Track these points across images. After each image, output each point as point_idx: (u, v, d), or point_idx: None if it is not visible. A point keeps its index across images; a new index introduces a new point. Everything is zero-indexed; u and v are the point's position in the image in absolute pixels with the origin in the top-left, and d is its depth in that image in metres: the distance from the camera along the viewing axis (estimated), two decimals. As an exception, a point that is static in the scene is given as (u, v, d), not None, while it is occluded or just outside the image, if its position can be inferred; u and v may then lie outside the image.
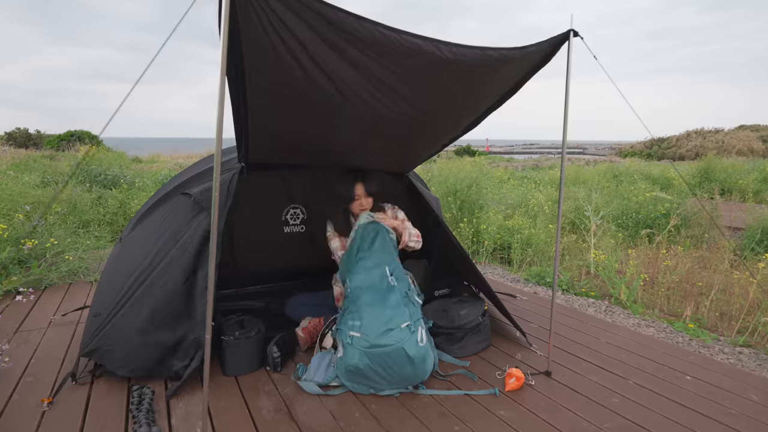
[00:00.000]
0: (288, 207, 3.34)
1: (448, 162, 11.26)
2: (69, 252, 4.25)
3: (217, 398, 2.15)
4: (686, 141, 29.11)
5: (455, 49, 1.72)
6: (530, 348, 2.74)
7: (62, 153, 15.15)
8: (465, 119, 2.48)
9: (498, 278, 4.45)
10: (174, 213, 2.57)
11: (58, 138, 19.22)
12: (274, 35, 1.50)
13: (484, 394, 2.22)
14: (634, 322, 3.35)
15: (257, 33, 1.48)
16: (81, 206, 6.12)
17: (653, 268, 4.45)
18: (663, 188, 9.40)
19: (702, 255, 5.01)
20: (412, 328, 2.21)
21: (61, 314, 3.16)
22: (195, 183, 2.71)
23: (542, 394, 2.24)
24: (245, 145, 2.33)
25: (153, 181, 8.76)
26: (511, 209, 7.11)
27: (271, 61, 1.62)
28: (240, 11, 1.40)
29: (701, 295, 3.90)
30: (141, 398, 2.07)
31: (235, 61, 1.62)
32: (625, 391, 2.27)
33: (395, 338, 2.15)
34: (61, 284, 3.85)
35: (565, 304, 3.69)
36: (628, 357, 2.66)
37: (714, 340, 3.09)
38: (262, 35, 1.49)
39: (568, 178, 10.77)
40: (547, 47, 1.98)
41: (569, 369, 2.50)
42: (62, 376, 2.29)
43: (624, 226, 6.46)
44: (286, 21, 1.45)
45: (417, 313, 2.32)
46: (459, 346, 2.62)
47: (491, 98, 2.31)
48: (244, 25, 1.45)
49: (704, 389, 2.31)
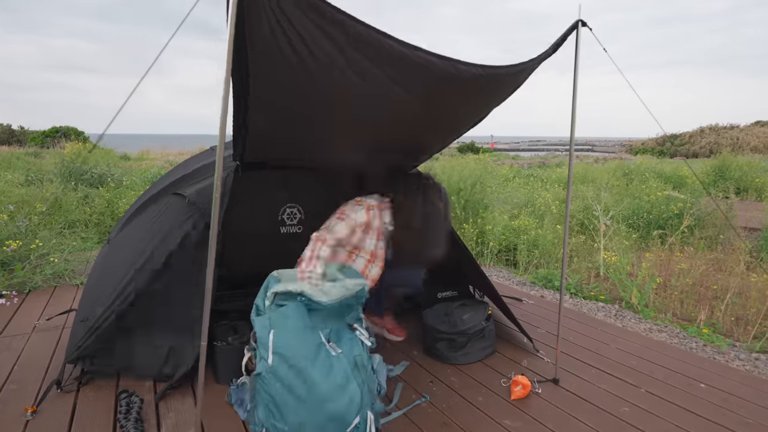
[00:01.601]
0: (285, 207, 3.34)
1: (451, 160, 11.25)
2: (54, 254, 4.25)
3: (209, 407, 2.15)
4: (700, 137, 29.13)
5: (477, 69, 1.74)
6: (537, 354, 2.74)
7: (47, 150, 15.15)
8: (472, 116, 2.48)
9: (503, 281, 4.45)
10: (166, 214, 2.57)
11: (42, 134, 19.24)
12: (281, 36, 1.50)
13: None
14: (646, 327, 3.35)
15: (264, 33, 1.48)
16: (67, 206, 6.12)
17: (666, 271, 4.45)
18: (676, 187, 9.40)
19: (717, 257, 5.02)
20: (361, 428, 1.70)
21: (45, 319, 3.16)
22: (188, 182, 2.71)
23: (549, 403, 2.24)
24: (242, 145, 2.34)
25: (142, 179, 8.76)
26: (516, 209, 7.11)
27: (277, 62, 1.62)
28: (248, 11, 1.40)
29: (716, 298, 3.91)
30: (129, 407, 2.06)
31: (240, 61, 1.63)
32: (636, 400, 2.27)
33: None
34: (46, 287, 3.85)
35: (573, 309, 3.69)
36: (639, 364, 2.66)
37: (729, 345, 3.10)
38: (269, 35, 1.49)
39: (577, 176, 10.77)
40: (552, 46, 1.98)
41: (577, 376, 2.50)
42: (47, 384, 2.29)
43: (635, 227, 6.46)
44: (294, 21, 1.45)
45: (367, 393, 1.77)
46: (463, 353, 2.62)
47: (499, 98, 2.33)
48: (250, 25, 1.45)
49: (719, 397, 2.31)
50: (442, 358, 2.63)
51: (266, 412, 1.71)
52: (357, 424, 1.68)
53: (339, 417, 1.66)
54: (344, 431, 1.67)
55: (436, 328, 2.64)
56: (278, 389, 1.70)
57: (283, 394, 1.69)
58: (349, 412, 1.68)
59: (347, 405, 1.68)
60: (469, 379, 2.45)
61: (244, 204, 3.09)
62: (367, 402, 1.75)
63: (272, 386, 1.71)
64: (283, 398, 1.69)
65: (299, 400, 1.67)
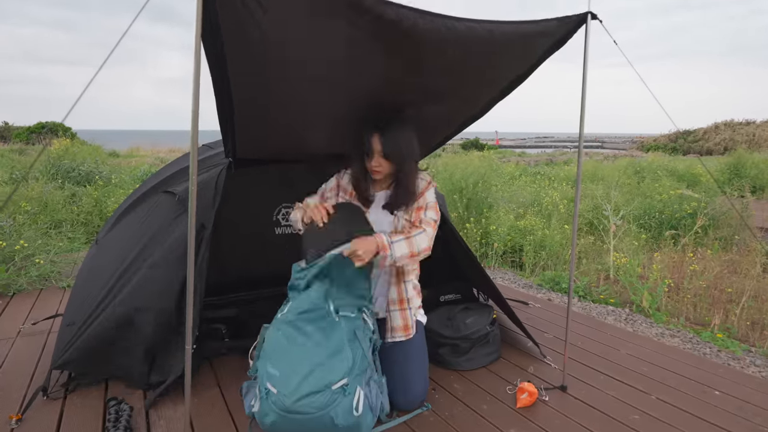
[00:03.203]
0: (280, 206, 3.34)
1: (453, 157, 11.25)
2: (40, 255, 4.26)
3: (202, 415, 2.15)
4: (714, 134, 29.14)
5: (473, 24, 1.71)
6: (544, 360, 2.74)
7: (32, 147, 15.17)
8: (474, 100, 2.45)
9: (509, 284, 4.45)
10: (156, 213, 2.57)
11: (27, 130, 19.26)
12: (258, 10, 1.49)
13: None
14: (658, 332, 3.35)
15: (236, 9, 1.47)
16: (53, 205, 6.13)
17: (678, 273, 4.46)
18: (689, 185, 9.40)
19: (732, 258, 5.02)
20: (348, 390, 1.74)
21: (31, 323, 3.16)
22: (179, 179, 2.71)
23: (557, 411, 2.24)
24: (232, 141, 2.33)
25: (132, 177, 8.78)
26: (522, 208, 7.12)
27: (255, 42, 1.61)
28: None
29: (731, 302, 3.91)
30: (118, 415, 2.06)
31: (215, 46, 1.62)
32: (647, 407, 2.27)
33: (320, 404, 1.68)
34: (31, 290, 3.85)
35: (581, 312, 3.69)
36: (651, 370, 2.66)
37: (745, 351, 3.10)
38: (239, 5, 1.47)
39: (586, 174, 10.77)
40: (559, 27, 1.96)
41: (586, 383, 2.50)
42: (32, 391, 2.28)
43: (646, 227, 6.47)
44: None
45: (362, 362, 1.84)
46: (466, 359, 2.62)
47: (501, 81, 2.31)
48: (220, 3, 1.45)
49: (734, 405, 2.31)
50: (444, 364, 2.63)
51: (264, 358, 1.83)
52: (344, 385, 1.74)
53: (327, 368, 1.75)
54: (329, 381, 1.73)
55: (438, 332, 2.63)
56: (279, 337, 1.82)
57: (282, 341, 1.81)
58: (337, 368, 1.76)
59: (338, 364, 1.77)
60: (473, 386, 2.46)
61: (237, 203, 3.09)
62: (358, 373, 1.81)
63: (274, 335, 1.85)
64: (281, 345, 1.81)
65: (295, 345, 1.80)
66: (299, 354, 1.76)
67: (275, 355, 1.79)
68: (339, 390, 1.72)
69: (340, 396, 1.72)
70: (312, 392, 1.69)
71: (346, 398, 1.73)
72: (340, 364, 1.76)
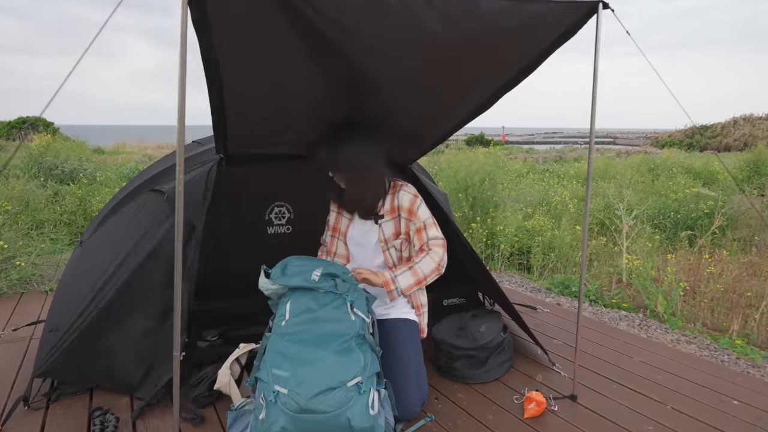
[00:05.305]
0: (272, 205, 3.34)
1: (458, 153, 11.27)
2: (21, 257, 4.25)
3: (192, 428, 2.15)
4: (733, 129, 29.16)
5: None
6: (553, 368, 2.74)
7: (12, 142, 15.17)
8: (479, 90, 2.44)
9: (516, 287, 4.45)
10: (144, 212, 2.57)
11: (7, 125, 19.25)
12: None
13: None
14: (673, 338, 3.35)
15: None
16: (34, 204, 6.12)
17: (695, 276, 4.46)
18: (706, 183, 9.41)
19: (751, 260, 5.02)
20: (363, 388, 1.75)
21: (11, 329, 3.16)
22: (168, 177, 2.71)
23: (566, 422, 2.24)
24: (223, 134, 2.33)
25: (118, 175, 8.78)
26: (530, 208, 7.12)
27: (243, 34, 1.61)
28: None
29: (750, 306, 3.91)
30: (103, 426, 2.07)
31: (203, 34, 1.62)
32: (662, 418, 2.27)
33: (336, 402, 1.69)
34: (11, 294, 3.85)
35: (593, 318, 3.69)
36: (666, 378, 2.66)
37: (765, 358, 3.10)
38: None
39: (597, 171, 10.78)
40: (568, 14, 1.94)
41: (597, 392, 2.50)
42: (13, 401, 2.28)
43: (661, 228, 6.47)
44: None
45: (374, 364, 1.87)
46: (485, 370, 2.57)
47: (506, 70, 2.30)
48: None
49: (753, 415, 2.31)
50: (462, 378, 2.55)
51: (267, 365, 1.81)
52: (359, 382, 1.75)
53: (339, 366, 1.77)
54: (343, 378, 1.74)
55: (452, 343, 2.56)
56: (284, 343, 1.85)
57: (288, 346, 1.83)
58: (349, 367, 1.78)
59: (350, 363, 1.78)
60: (478, 395, 2.46)
61: (227, 201, 3.09)
62: (370, 375, 1.82)
63: (278, 342, 1.86)
64: (287, 349, 1.82)
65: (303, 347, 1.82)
66: (308, 355, 1.78)
67: (281, 358, 1.79)
68: (354, 387, 1.73)
69: (355, 394, 1.72)
70: (328, 388, 1.70)
71: (362, 396, 1.73)
72: (352, 363, 1.78)
